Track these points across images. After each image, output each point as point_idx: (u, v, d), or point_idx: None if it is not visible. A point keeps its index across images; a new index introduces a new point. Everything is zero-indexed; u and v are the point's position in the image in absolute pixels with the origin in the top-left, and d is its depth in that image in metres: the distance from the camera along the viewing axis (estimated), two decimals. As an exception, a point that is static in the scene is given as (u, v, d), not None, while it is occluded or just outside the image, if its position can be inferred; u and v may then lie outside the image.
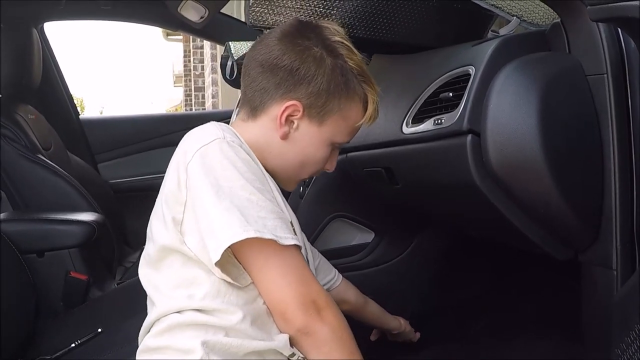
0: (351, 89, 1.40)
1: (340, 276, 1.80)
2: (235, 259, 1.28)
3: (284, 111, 1.38)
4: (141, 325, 1.39)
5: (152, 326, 1.34)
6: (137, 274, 1.43)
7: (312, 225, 2.23)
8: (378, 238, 2.25)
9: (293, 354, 1.30)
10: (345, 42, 1.42)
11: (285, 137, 1.40)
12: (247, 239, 1.21)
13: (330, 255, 2.23)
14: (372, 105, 1.43)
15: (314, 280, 1.33)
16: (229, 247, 1.22)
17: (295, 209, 2.27)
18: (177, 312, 1.29)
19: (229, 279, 1.27)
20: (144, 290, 1.41)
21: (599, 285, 1.35)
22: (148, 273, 1.39)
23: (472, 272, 2.38)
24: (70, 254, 2.38)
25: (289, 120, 1.39)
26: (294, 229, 1.35)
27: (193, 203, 1.27)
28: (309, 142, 1.42)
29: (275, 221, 1.27)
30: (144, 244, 1.43)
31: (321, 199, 2.21)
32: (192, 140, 1.32)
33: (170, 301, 1.31)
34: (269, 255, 1.27)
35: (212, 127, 1.35)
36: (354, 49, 1.43)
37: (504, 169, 1.33)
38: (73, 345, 1.83)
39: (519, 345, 2.06)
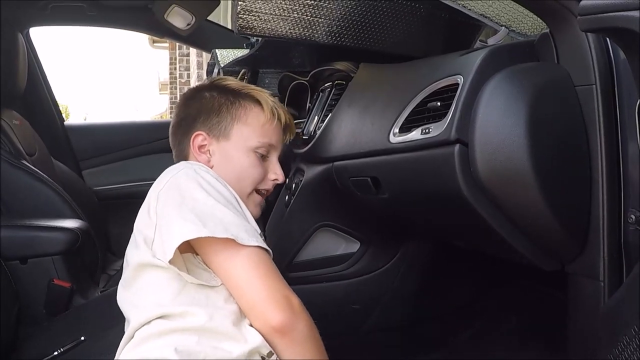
0: (237, 97, 1.62)
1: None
2: (204, 264, 1.34)
3: (193, 143, 1.59)
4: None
5: (127, 343, 1.35)
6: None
7: (297, 234, 2.22)
8: (364, 248, 2.24)
9: (271, 353, 1.29)
10: (217, 78, 1.72)
11: (208, 163, 1.57)
12: (206, 240, 1.29)
13: (316, 265, 2.23)
14: (267, 104, 1.63)
15: (284, 280, 1.35)
16: (196, 253, 1.33)
17: (280, 218, 2.28)
18: (147, 323, 1.31)
19: (197, 281, 1.31)
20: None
21: (585, 296, 1.35)
22: (124, 295, 1.43)
23: (458, 282, 2.38)
24: (53, 261, 2.36)
25: (203, 149, 1.59)
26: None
27: (160, 221, 1.34)
28: (231, 157, 1.58)
29: (238, 228, 1.32)
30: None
31: (307, 208, 2.20)
32: (164, 175, 1.45)
33: (141, 314, 1.33)
34: (231, 254, 1.31)
35: (182, 163, 1.52)
36: (228, 77, 1.72)
37: (492, 179, 1.32)
38: (56, 353, 1.82)
39: (504, 355, 2.06)
